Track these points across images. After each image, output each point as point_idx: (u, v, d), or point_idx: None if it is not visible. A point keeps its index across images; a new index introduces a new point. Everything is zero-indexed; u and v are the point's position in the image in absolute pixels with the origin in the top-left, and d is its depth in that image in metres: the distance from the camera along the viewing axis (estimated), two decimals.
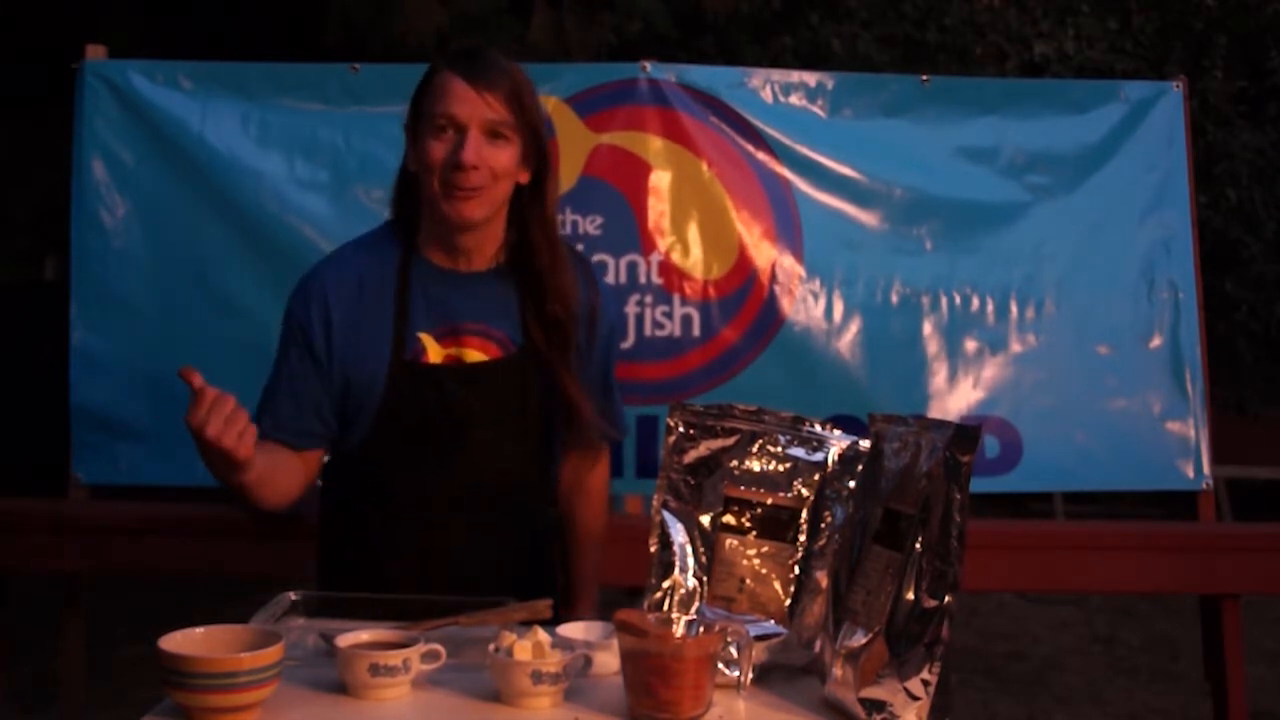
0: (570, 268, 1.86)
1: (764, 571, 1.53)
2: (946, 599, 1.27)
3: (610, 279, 3.00)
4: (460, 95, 1.72)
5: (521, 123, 1.75)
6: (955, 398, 3.07)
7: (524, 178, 1.80)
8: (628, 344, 2.97)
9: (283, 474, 1.76)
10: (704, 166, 3.04)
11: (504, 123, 1.73)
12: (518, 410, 1.84)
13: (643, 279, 3.01)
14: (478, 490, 1.85)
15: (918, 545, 1.30)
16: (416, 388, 1.80)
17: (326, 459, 1.91)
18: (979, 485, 1.33)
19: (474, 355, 1.83)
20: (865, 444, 1.51)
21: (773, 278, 3.03)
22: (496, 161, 1.74)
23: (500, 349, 1.84)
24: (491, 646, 1.38)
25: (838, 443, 1.56)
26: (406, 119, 1.82)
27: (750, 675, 1.40)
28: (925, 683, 1.27)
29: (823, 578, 1.50)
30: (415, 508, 1.85)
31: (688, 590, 1.53)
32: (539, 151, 1.81)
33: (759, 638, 1.46)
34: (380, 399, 1.80)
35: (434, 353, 1.81)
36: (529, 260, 1.83)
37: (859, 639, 1.33)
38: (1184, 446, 3.08)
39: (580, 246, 3.00)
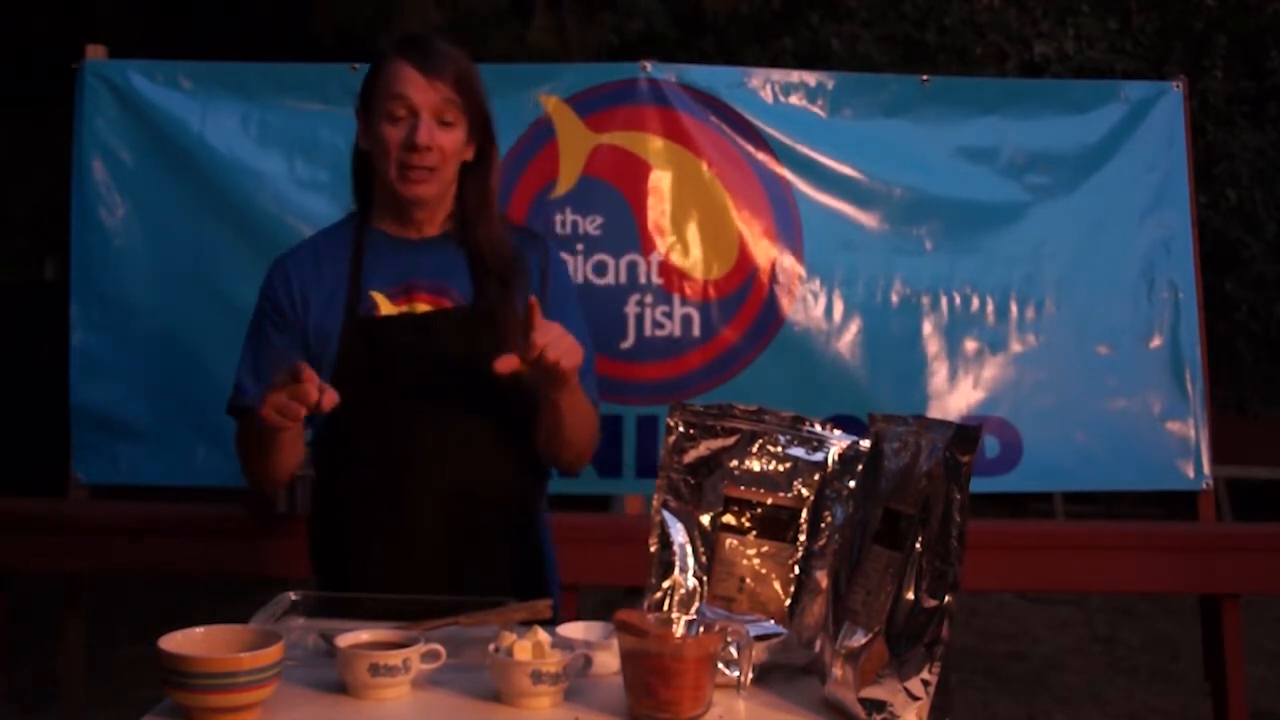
0: (507, 236, 1.95)
1: (764, 571, 1.53)
2: (946, 599, 1.27)
3: (610, 279, 3.00)
4: (412, 81, 1.84)
5: (468, 104, 1.87)
6: (955, 398, 3.07)
7: (468, 155, 1.92)
8: (628, 343, 2.97)
9: (297, 440, 1.84)
10: (704, 166, 3.04)
11: (453, 104, 1.85)
12: (468, 361, 1.84)
13: (643, 279, 3.01)
14: (442, 457, 1.85)
15: (918, 545, 1.30)
16: (368, 339, 1.86)
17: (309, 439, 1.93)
18: (979, 485, 1.33)
19: (426, 308, 1.89)
20: (865, 444, 1.51)
21: (773, 278, 3.03)
22: (447, 143, 1.86)
23: (453, 303, 1.90)
24: (491, 646, 1.38)
25: (838, 443, 1.56)
26: (358, 102, 1.93)
27: (750, 675, 1.39)
28: (925, 683, 1.27)
29: (823, 578, 1.50)
30: (381, 472, 1.85)
31: (688, 590, 1.53)
32: (483, 130, 1.93)
33: (759, 638, 1.46)
34: (335, 354, 1.86)
35: (386, 308, 1.88)
36: (468, 229, 1.93)
37: (859, 639, 1.33)
38: (1184, 446, 3.08)
39: (580, 246, 3.01)
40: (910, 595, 1.29)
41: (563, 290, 2.00)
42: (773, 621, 1.51)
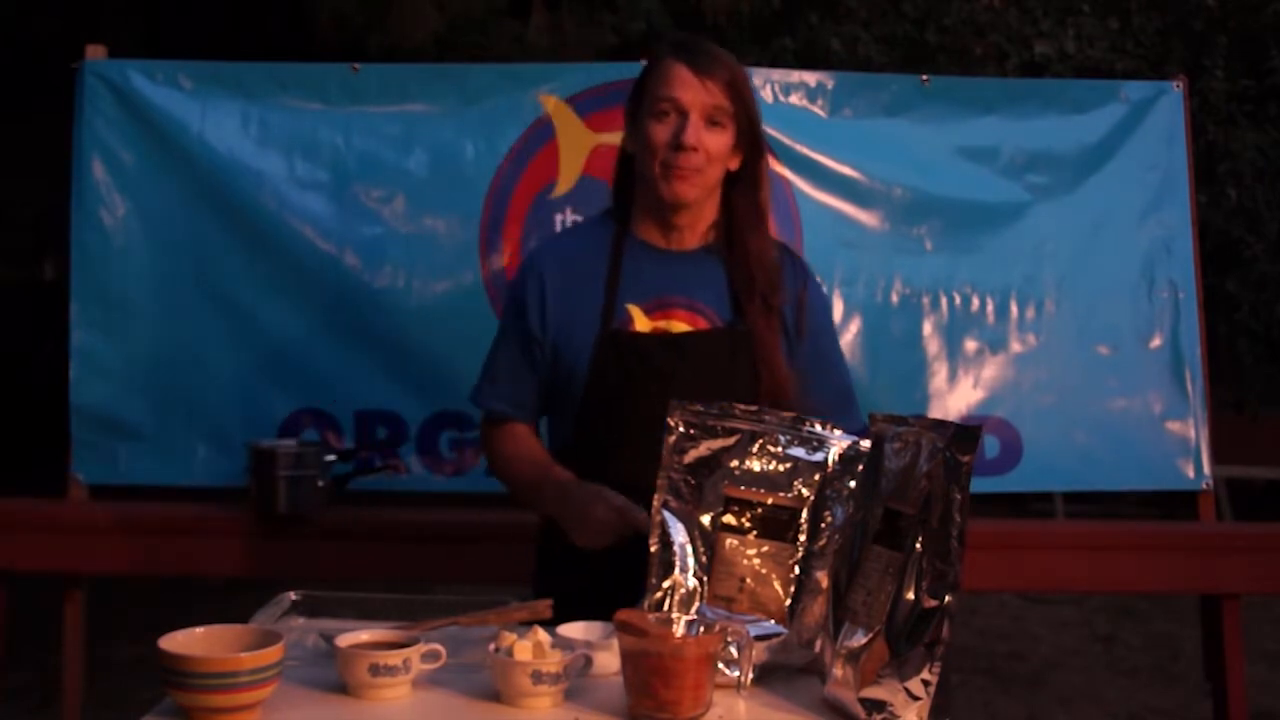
0: (775, 254, 1.92)
1: (764, 571, 1.53)
2: (947, 599, 1.27)
3: None
4: (684, 81, 1.81)
5: (738, 111, 1.84)
6: (955, 397, 3.07)
7: (734, 164, 1.88)
8: None
9: (537, 458, 1.91)
10: None
11: (722, 110, 1.82)
12: (724, 384, 1.82)
13: None
14: None
15: (918, 545, 1.30)
16: (622, 355, 1.84)
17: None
18: (979, 485, 1.33)
19: (681, 327, 1.86)
20: (866, 444, 1.51)
21: None
22: (714, 145, 1.82)
23: (708, 323, 1.87)
24: (492, 646, 1.38)
25: (838, 443, 1.56)
26: (627, 103, 1.90)
27: (750, 675, 1.39)
28: (925, 683, 1.27)
29: (823, 578, 1.50)
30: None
31: (688, 590, 1.52)
32: (752, 140, 1.88)
33: (759, 638, 1.46)
34: (587, 366, 1.85)
35: (641, 323, 1.86)
36: (736, 241, 1.89)
37: (859, 639, 1.33)
38: (1184, 446, 3.08)
39: None
40: (910, 595, 1.29)
41: (819, 327, 1.96)
42: (773, 621, 1.50)
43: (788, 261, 1.95)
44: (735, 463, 1.55)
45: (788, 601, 1.51)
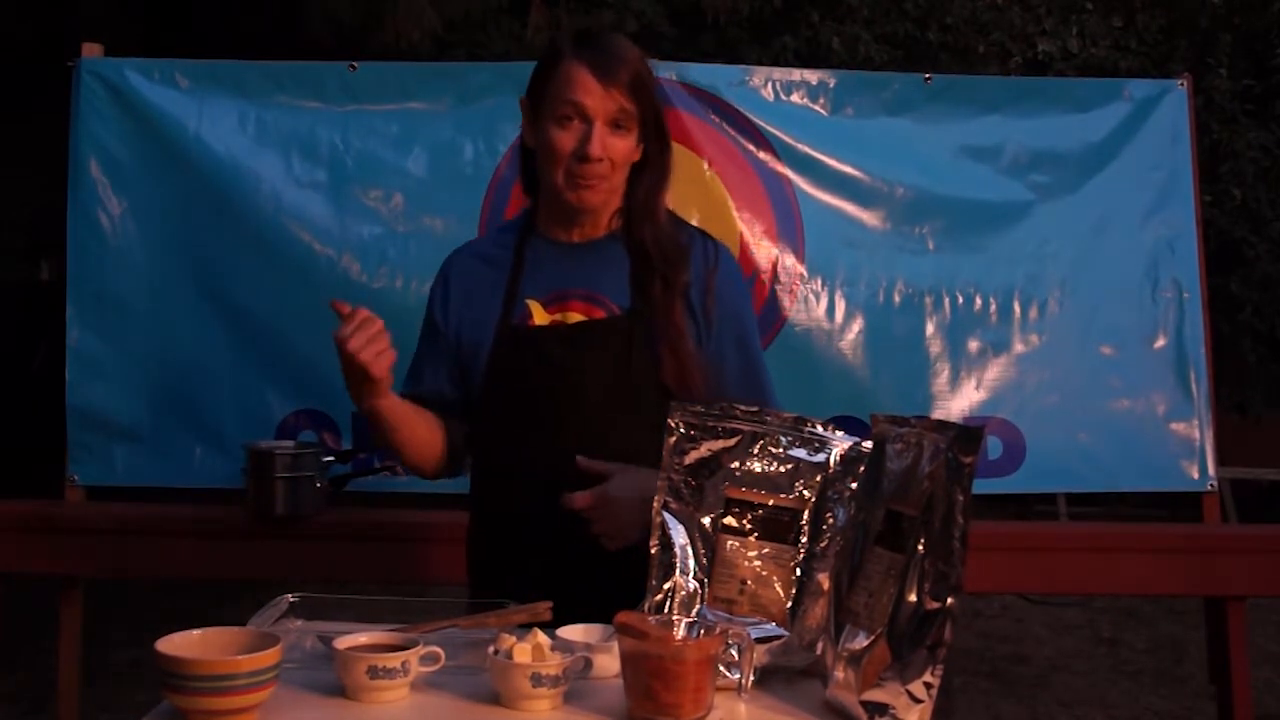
0: (679, 240, 1.89)
1: (765, 573, 1.52)
2: (949, 601, 1.26)
3: None
4: (587, 87, 1.78)
5: (642, 109, 1.82)
6: (958, 398, 3.06)
7: (637, 156, 1.87)
8: None
9: (420, 424, 1.87)
10: (705, 165, 3.03)
11: (627, 113, 1.80)
12: (624, 371, 1.82)
13: None
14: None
15: (920, 547, 1.29)
16: (518, 349, 1.84)
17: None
18: (982, 486, 1.32)
19: (578, 318, 1.86)
20: (867, 445, 1.50)
21: (774, 277, 3.02)
22: (618, 152, 1.81)
23: (605, 312, 1.86)
24: (491, 649, 1.38)
25: (840, 444, 1.55)
26: (527, 95, 1.89)
27: (751, 678, 1.38)
28: (928, 685, 1.26)
29: (824, 580, 1.49)
30: (527, 479, 1.82)
31: (688, 592, 1.52)
32: (656, 131, 1.87)
33: (760, 640, 1.45)
34: (486, 363, 1.86)
35: (540, 317, 1.86)
36: (635, 226, 1.88)
37: (861, 641, 1.32)
38: (1188, 447, 3.07)
39: None
40: (912, 597, 1.28)
41: (730, 312, 1.90)
42: (774, 624, 1.50)
43: (698, 245, 1.92)
44: (736, 464, 1.54)
45: (789, 604, 1.50)
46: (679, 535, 1.54)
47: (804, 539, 1.52)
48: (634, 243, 1.87)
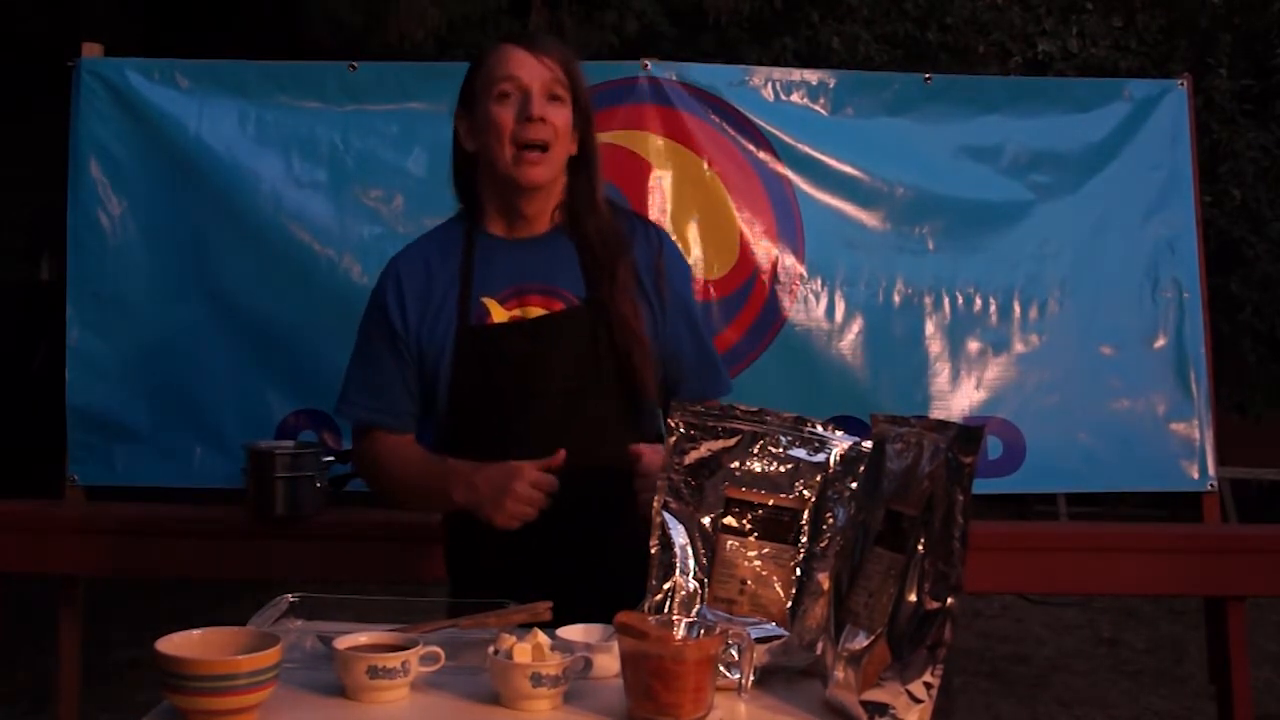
0: (621, 228, 1.92)
1: (765, 573, 1.52)
2: (949, 601, 1.26)
3: None
4: (520, 61, 1.85)
5: (575, 88, 1.87)
6: (958, 398, 3.06)
7: (573, 148, 1.90)
8: None
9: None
10: (705, 165, 3.03)
11: (561, 83, 1.85)
12: (588, 362, 1.84)
13: None
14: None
15: (920, 547, 1.29)
16: (480, 349, 1.84)
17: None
18: (982, 486, 1.32)
19: (538, 312, 1.86)
20: (867, 445, 1.50)
21: (774, 277, 3.02)
22: (558, 119, 1.85)
23: (564, 304, 1.87)
24: (491, 649, 1.37)
25: (839, 443, 1.55)
26: (459, 105, 1.93)
27: (751, 678, 1.38)
28: (928, 685, 1.26)
29: (824, 579, 1.49)
30: None
31: (688, 592, 1.52)
32: (585, 119, 1.91)
33: (760, 640, 1.45)
34: (449, 366, 1.85)
35: (498, 314, 1.86)
36: (580, 220, 1.90)
37: (861, 641, 1.32)
38: (1189, 447, 3.06)
39: None
40: (912, 597, 1.28)
41: (679, 290, 1.96)
42: (774, 624, 1.50)
43: (639, 229, 1.96)
44: (736, 464, 1.54)
45: (789, 603, 1.50)
46: (679, 535, 1.54)
47: (804, 539, 1.52)
48: (579, 235, 1.90)
